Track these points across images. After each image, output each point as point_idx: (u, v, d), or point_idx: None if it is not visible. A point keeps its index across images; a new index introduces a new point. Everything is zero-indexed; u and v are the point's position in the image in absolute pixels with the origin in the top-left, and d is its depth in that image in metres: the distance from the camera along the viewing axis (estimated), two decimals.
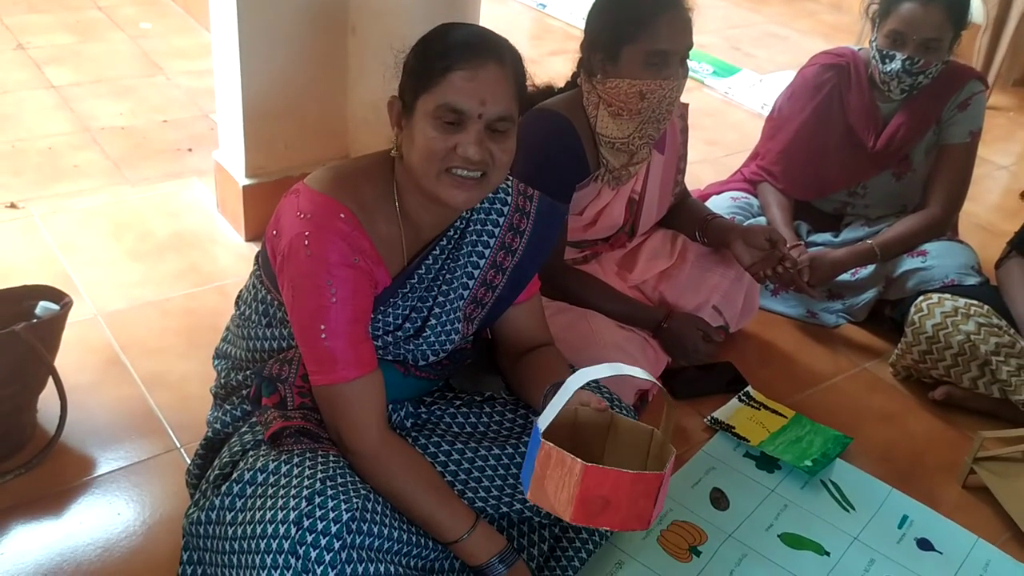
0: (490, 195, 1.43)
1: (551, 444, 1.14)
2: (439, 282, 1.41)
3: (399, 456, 1.33)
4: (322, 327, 1.27)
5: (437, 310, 1.41)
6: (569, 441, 1.27)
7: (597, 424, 1.29)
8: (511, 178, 1.47)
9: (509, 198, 1.45)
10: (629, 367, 1.18)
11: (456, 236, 1.41)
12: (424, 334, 1.41)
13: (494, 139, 1.26)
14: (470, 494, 1.41)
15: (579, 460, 1.11)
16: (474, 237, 1.43)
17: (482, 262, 1.44)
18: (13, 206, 2.44)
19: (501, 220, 1.44)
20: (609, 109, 1.76)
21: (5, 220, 2.38)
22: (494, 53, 1.25)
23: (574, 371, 1.47)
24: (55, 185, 2.56)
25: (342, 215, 1.27)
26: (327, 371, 1.29)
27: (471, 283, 1.44)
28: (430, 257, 1.39)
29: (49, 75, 3.21)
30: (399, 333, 1.40)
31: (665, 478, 1.14)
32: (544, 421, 1.17)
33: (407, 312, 1.39)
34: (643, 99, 1.71)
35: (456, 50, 1.24)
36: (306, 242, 1.26)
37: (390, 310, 1.38)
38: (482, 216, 1.43)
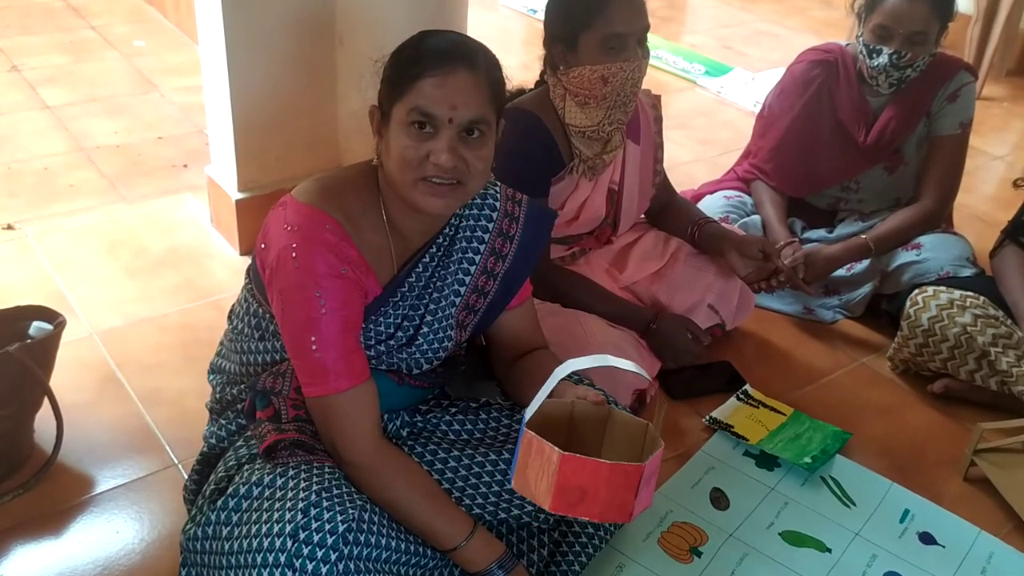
0: (478, 201, 1.43)
1: (532, 433, 1.14)
2: (430, 290, 1.41)
3: (394, 465, 1.33)
4: (312, 339, 1.27)
5: (429, 318, 1.41)
6: (566, 435, 1.28)
7: (594, 418, 1.29)
8: (499, 184, 1.47)
9: (498, 203, 1.45)
10: (616, 358, 1.18)
11: (445, 243, 1.42)
12: (417, 342, 1.41)
13: (468, 146, 1.26)
14: (468, 501, 1.40)
15: (556, 449, 1.11)
16: (464, 244, 1.43)
17: (473, 268, 1.44)
18: (10, 227, 2.45)
19: (490, 226, 1.45)
20: (576, 99, 1.78)
21: (1, 241, 2.39)
22: (465, 58, 1.26)
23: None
24: (51, 205, 2.57)
25: (328, 226, 1.28)
26: (319, 383, 1.29)
27: (463, 290, 1.44)
28: (420, 265, 1.39)
29: (44, 96, 3.23)
30: (391, 342, 1.40)
31: (646, 470, 1.12)
32: (529, 411, 1.17)
33: (399, 321, 1.39)
34: (606, 84, 1.73)
35: (426, 56, 1.24)
36: (294, 254, 1.26)
37: (381, 319, 1.38)
38: (471, 223, 1.43)
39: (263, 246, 1.32)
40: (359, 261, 1.30)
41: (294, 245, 1.26)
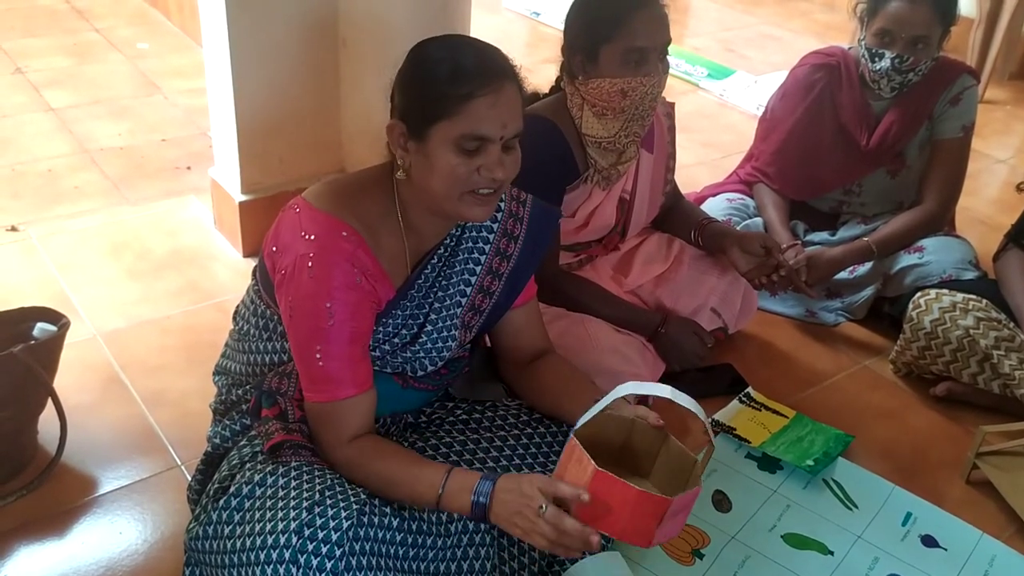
0: None
1: (576, 441, 1.18)
2: (435, 289, 1.41)
3: (367, 449, 1.32)
4: (318, 348, 1.28)
5: (433, 317, 1.41)
6: (619, 450, 1.31)
7: (651, 440, 1.32)
8: None
9: (502, 204, 1.46)
10: (677, 392, 1.20)
11: (452, 244, 1.42)
12: (420, 341, 1.42)
13: (508, 154, 1.28)
14: None
15: (593, 462, 1.14)
16: (469, 244, 1.44)
17: (479, 269, 1.44)
18: (14, 229, 2.46)
19: (495, 226, 1.45)
20: (593, 109, 1.77)
21: (4, 243, 2.39)
22: (506, 72, 1.26)
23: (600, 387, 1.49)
24: (55, 207, 2.58)
25: (344, 233, 1.28)
26: (320, 390, 1.30)
27: (469, 290, 1.45)
28: (428, 266, 1.40)
29: (48, 98, 3.24)
30: (396, 340, 1.40)
31: (674, 505, 1.15)
32: (581, 421, 1.21)
33: (404, 321, 1.40)
34: (625, 97, 1.72)
35: (471, 76, 1.23)
36: (310, 263, 1.26)
37: (390, 321, 1.38)
38: (476, 224, 1.44)
39: (274, 249, 1.32)
40: (374, 268, 1.31)
41: (311, 255, 1.26)
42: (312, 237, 1.27)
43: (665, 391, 1.20)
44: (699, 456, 1.27)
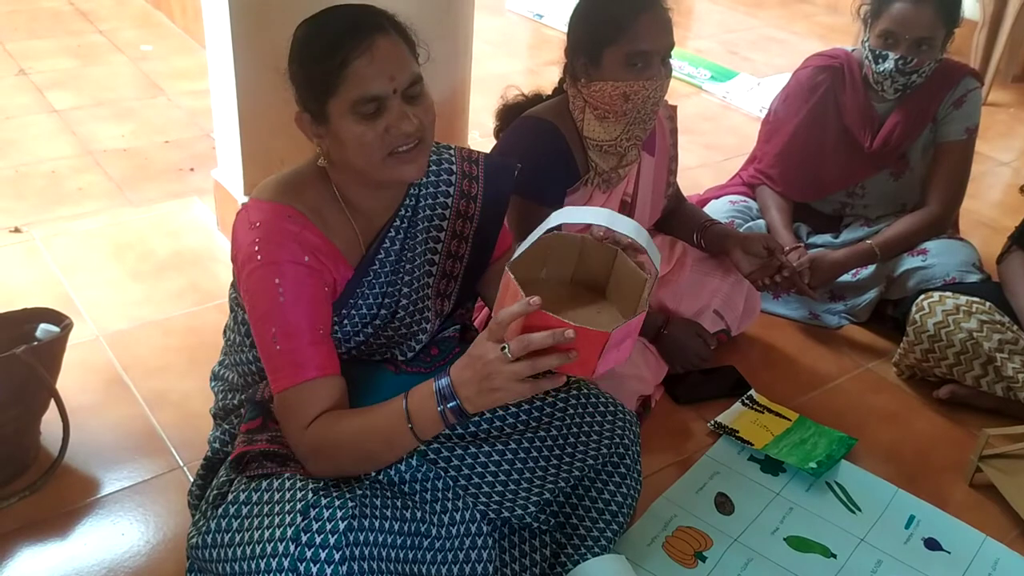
0: (434, 168, 1.44)
1: (511, 276, 1.11)
2: (403, 262, 1.41)
3: (327, 423, 1.27)
4: (273, 329, 1.26)
5: (406, 290, 1.41)
6: (572, 269, 1.25)
7: (602, 258, 1.24)
8: (453, 147, 1.47)
9: (454, 167, 1.46)
10: (623, 221, 1.13)
11: (408, 215, 1.41)
12: (399, 316, 1.41)
13: (415, 104, 1.26)
14: (470, 499, 1.40)
15: (533, 300, 1.07)
16: (428, 212, 1.43)
17: (442, 235, 1.44)
18: (17, 230, 2.46)
19: (451, 190, 1.45)
20: (595, 112, 1.77)
21: (7, 244, 2.40)
22: (375, 26, 1.25)
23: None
24: (58, 208, 2.58)
25: (289, 215, 1.28)
26: (281, 376, 1.27)
27: (437, 258, 1.44)
28: (387, 240, 1.39)
29: (51, 99, 3.24)
30: (377, 322, 1.40)
31: (614, 337, 1.08)
32: (517, 252, 1.16)
33: (379, 299, 1.39)
34: (627, 100, 1.72)
35: (341, 41, 1.22)
36: (256, 247, 1.27)
37: (360, 301, 1.38)
38: (431, 190, 1.43)
39: (233, 250, 1.33)
40: (325, 247, 1.30)
41: (257, 239, 1.27)
42: (258, 224, 1.28)
43: (602, 217, 1.14)
44: (647, 279, 1.19)
